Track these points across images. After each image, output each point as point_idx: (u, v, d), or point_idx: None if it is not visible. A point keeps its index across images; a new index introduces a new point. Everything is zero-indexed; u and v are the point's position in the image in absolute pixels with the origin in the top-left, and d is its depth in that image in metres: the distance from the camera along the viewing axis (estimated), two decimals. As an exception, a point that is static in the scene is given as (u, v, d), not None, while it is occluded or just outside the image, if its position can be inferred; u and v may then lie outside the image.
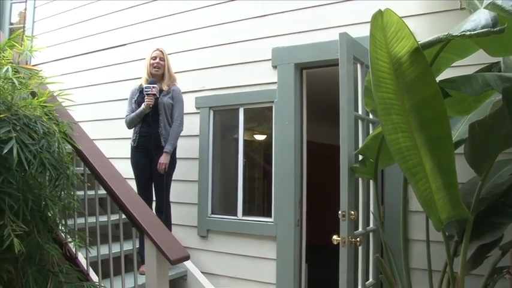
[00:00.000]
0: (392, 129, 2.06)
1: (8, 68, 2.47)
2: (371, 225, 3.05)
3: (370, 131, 2.99)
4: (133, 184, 3.78)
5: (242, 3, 4.17)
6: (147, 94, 3.85)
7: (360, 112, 2.90)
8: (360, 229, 2.82)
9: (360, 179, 2.88)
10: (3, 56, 2.64)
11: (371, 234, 3.03)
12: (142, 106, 3.87)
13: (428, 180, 2.05)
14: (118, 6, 5.17)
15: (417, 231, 3.10)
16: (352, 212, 2.59)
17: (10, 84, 2.53)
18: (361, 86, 2.89)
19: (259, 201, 4.41)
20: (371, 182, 2.98)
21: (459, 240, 2.42)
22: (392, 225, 3.07)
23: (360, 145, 2.80)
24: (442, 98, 1.97)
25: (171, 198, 4.03)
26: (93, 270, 3.13)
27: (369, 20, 2.00)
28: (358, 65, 2.93)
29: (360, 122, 2.90)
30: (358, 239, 2.63)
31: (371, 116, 2.99)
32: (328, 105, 4.12)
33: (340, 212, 2.58)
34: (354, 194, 2.69)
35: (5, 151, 2.13)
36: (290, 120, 3.75)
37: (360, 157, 2.76)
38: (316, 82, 4.15)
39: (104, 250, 3.07)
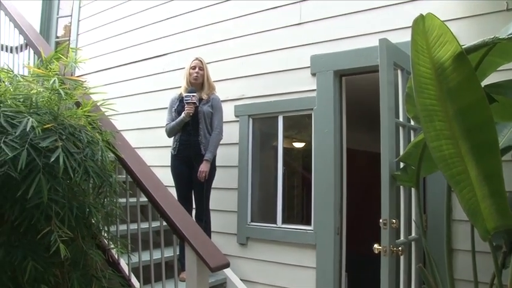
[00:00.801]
0: (435, 136, 2.02)
1: (55, 80, 2.56)
2: (413, 234, 2.98)
3: (412, 138, 2.93)
4: (173, 192, 3.83)
5: (279, 12, 4.19)
6: (187, 103, 3.89)
7: (401, 119, 2.85)
8: (402, 238, 2.76)
9: (401, 186, 2.82)
10: (51, 68, 2.73)
11: (413, 244, 2.96)
12: (183, 115, 3.92)
13: (474, 188, 1.99)
14: (157, 17, 5.28)
15: (462, 241, 3.01)
16: (394, 221, 2.54)
17: (56, 95, 2.61)
18: (402, 93, 2.84)
19: (298, 209, 4.38)
20: (413, 189, 2.91)
21: (507, 251, 2.33)
22: (436, 235, 2.99)
23: (401, 152, 2.75)
24: (488, 103, 1.91)
25: (211, 206, 4.06)
26: (135, 276, 3.17)
27: (409, 24, 1.97)
28: (399, 71, 2.89)
29: (401, 128, 2.85)
30: (399, 248, 2.58)
31: (412, 123, 2.93)
32: (368, 112, 4.07)
33: (381, 221, 2.54)
34: (395, 202, 2.64)
35: (52, 159, 2.20)
36: (329, 127, 3.73)
37: (402, 164, 2.70)
38: (356, 89, 4.10)
39: (145, 256, 3.12)
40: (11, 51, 4.87)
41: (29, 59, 4.40)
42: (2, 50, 4.97)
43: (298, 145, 4.45)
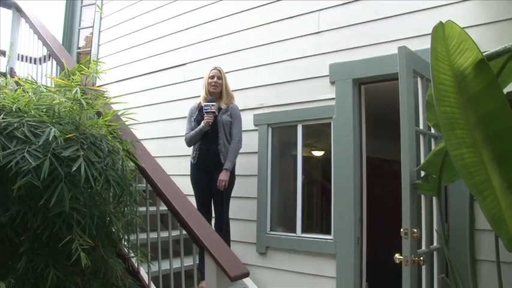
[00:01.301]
0: (456, 144, 1.99)
1: (76, 90, 2.60)
2: (435, 243, 2.94)
3: (433, 147, 2.90)
4: (193, 201, 3.85)
5: (298, 21, 4.20)
6: (206, 112, 3.92)
7: (421, 127, 2.82)
8: (423, 247, 2.72)
9: (422, 195, 2.78)
10: (73, 79, 2.78)
11: (435, 253, 2.91)
12: (202, 124, 3.95)
13: (497, 197, 1.96)
14: (177, 27, 5.34)
15: (486, 251, 2.95)
16: (415, 230, 2.51)
17: (78, 105, 2.65)
18: (422, 100, 2.81)
19: (318, 218, 4.36)
20: (434, 198, 2.88)
21: (533, 261, 2.29)
22: (458, 244, 2.95)
23: (422, 161, 2.72)
24: (510, 110, 1.88)
25: (230, 215, 4.06)
26: (155, 285, 3.18)
27: (428, 32, 1.96)
28: (419, 79, 2.86)
29: (421, 137, 2.82)
30: (421, 258, 2.54)
31: (433, 131, 2.90)
32: (388, 120, 4.04)
33: (402, 230, 2.51)
34: (416, 211, 2.61)
35: (74, 169, 2.23)
36: (349, 136, 3.71)
37: (422, 173, 2.67)
38: (375, 97, 4.08)
39: (165, 265, 3.13)
40: (35, 62, 4.97)
41: (52, 70, 4.49)
42: (26, 61, 5.08)
43: (318, 154, 4.44)
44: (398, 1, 3.60)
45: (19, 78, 3.14)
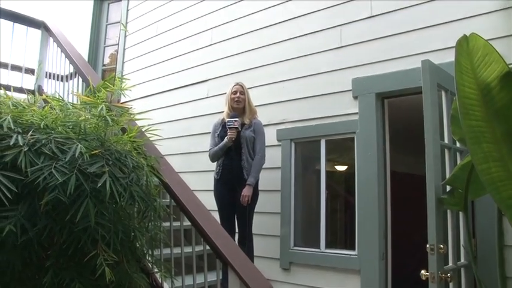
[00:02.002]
0: (483, 159, 1.96)
1: (102, 107, 2.65)
2: (462, 260, 2.87)
3: (458, 161, 2.85)
4: (216, 216, 3.85)
5: (320, 36, 4.20)
6: (229, 128, 3.94)
7: (446, 141, 2.78)
8: (450, 264, 2.66)
9: (448, 210, 2.73)
10: (98, 96, 2.83)
11: (462, 270, 2.85)
12: (225, 140, 3.97)
13: (527, 212, 1.91)
14: (199, 44, 5.41)
15: (516, 267, 2.88)
16: (442, 246, 2.46)
17: (103, 121, 2.70)
18: (447, 114, 2.78)
19: (342, 233, 4.32)
20: (460, 213, 2.82)
21: None
22: (487, 261, 2.87)
23: (448, 175, 2.67)
24: (538, 123, 1.85)
25: (254, 230, 4.05)
26: (179, 301, 3.19)
27: (452, 45, 1.95)
28: (443, 92, 2.83)
29: (446, 151, 2.78)
30: (448, 274, 2.48)
31: (458, 145, 2.86)
32: (412, 134, 3.99)
33: (428, 246, 2.46)
34: (442, 227, 2.56)
35: (99, 184, 2.27)
36: (373, 150, 3.68)
37: (448, 188, 2.63)
38: (399, 111, 4.05)
39: (188, 281, 3.13)
40: (62, 80, 5.09)
41: (78, 87, 4.58)
42: (54, 78, 5.20)
43: (341, 168, 4.41)
44: (421, 14, 3.58)
45: (47, 96, 3.22)
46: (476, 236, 3.07)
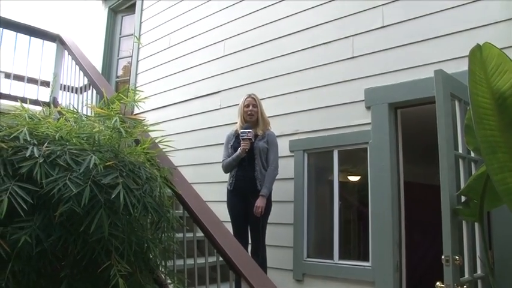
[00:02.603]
0: (498, 169, 1.94)
1: (116, 119, 2.68)
2: (479, 271, 2.83)
3: (473, 171, 2.82)
4: (229, 227, 3.84)
5: (332, 47, 4.22)
6: (242, 139, 3.95)
7: (460, 151, 2.76)
8: (467, 276, 2.63)
9: (463, 221, 2.70)
10: (112, 108, 2.86)
11: (479, 282, 2.81)
12: (239, 151, 3.98)
13: (543, 223, 1.89)
14: (211, 55, 5.45)
15: (534, 279, 2.83)
16: (457, 257, 2.43)
17: (117, 133, 2.72)
18: (461, 124, 2.76)
19: (355, 244, 4.28)
20: (476, 224, 2.79)
21: None
22: (504, 273, 2.83)
23: (462, 185, 2.65)
24: (554, 133, 1.83)
25: (267, 241, 4.04)
26: (192, 312, 3.18)
27: (465, 54, 1.94)
28: (456, 102, 2.81)
29: (460, 161, 2.75)
30: (464, 286, 2.45)
31: (473, 155, 2.83)
32: (425, 144, 3.97)
33: (443, 257, 2.43)
34: (457, 238, 2.53)
35: (113, 196, 2.28)
36: (386, 161, 3.66)
37: (463, 198, 2.60)
38: (412, 121, 4.03)
39: (201, 292, 3.13)
40: (76, 92, 5.15)
41: (92, 99, 4.63)
42: (68, 91, 5.27)
43: (354, 179, 4.39)
44: (433, 24, 3.58)
45: (61, 108, 3.25)
46: (493, 248, 3.03)
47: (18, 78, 5.26)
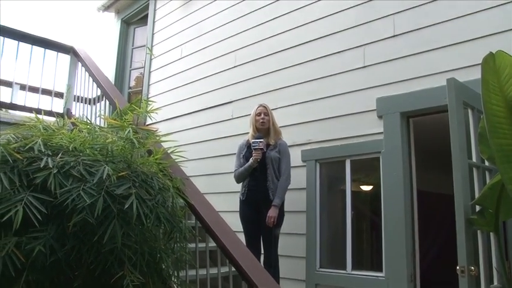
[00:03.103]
0: (513, 178, 1.92)
1: (129, 130, 2.70)
2: (495, 283, 2.79)
3: (487, 180, 2.79)
4: (241, 237, 3.84)
5: (343, 56, 4.22)
6: (254, 149, 3.95)
7: (474, 160, 2.74)
8: (483, 287, 2.59)
9: (478, 231, 2.67)
10: (125, 119, 2.88)
11: (496, 293, 2.77)
12: (251, 160, 3.98)
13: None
14: (224, 66, 5.49)
15: (551, 290, 2.78)
16: (473, 268, 2.40)
17: (130, 143, 2.74)
18: (474, 132, 2.74)
19: (368, 254, 4.25)
20: (492, 234, 2.75)
21: None
22: (521, 283, 2.78)
23: (477, 195, 2.62)
24: None
25: (279, 251, 4.02)
26: (204, 322, 3.17)
27: (478, 62, 1.93)
28: (469, 110, 2.79)
29: (474, 170, 2.73)
30: (480, 297, 2.42)
31: (487, 164, 2.80)
32: (439, 153, 3.94)
33: (458, 268, 2.41)
34: (473, 248, 2.50)
35: (126, 206, 2.29)
36: (398, 170, 3.64)
37: (478, 207, 2.57)
38: (425, 130, 4.01)
39: (214, 303, 3.12)
40: (89, 103, 5.20)
41: (105, 109, 4.68)
42: (82, 102, 5.33)
43: (367, 188, 4.37)
44: (445, 32, 3.57)
45: (75, 119, 3.29)
46: (510, 258, 2.99)
47: (33, 89, 5.33)
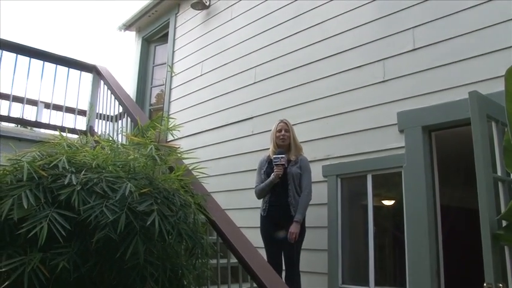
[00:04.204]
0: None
1: (151, 147, 2.74)
2: (523, 299, 2.72)
3: (514, 194, 2.74)
4: (263, 253, 3.82)
5: (363, 71, 4.21)
6: (275, 165, 3.95)
7: (499, 173, 2.69)
8: (511, 304, 2.53)
9: (505, 246, 2.61)
10: (147, 136, 2.92)
11: (524, 310, 2.70)
12: (272, 176, 3.97)
13: None
14: (244, 82, 5.52)
15: None
16: (501, 285, 2.34)
17: (152, 160, 2.77)
18: (498, 146, 2.69)
19: (391, 270, 4.19)
20: (519, 250, 2.69)
21: None
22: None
23: (503, 209, 2.57)
24: None
25: (301, 267, 3.98)
26: None
27: (501, 74, 1.91)
28: (493, 123, 2.75)
29: (500, 184, 2.68)
30: (509, 315, 2.36)
31: (513, 177, 2.75)
32: (462, 167, 3.89)
33: (485, 285, 2.35)
34: (500, 264, 2.44)
35: (149, 223, 2.31)
36: (421, 185, 3.59)
37: (504, 223, 2.52)
38: (448, 143, 3.96)
39: (236, 319, 3.10)
40: (111, 120, 5.28)
41: (127, 126, 4.74)
42: (104, 119, 5.41)
43: (388, 203, 4.32)
44: (466, 44, 3.54)
45: (98, 137, 3.34)
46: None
47: (57, 108, 5.44)
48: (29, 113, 5.45)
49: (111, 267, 2.38)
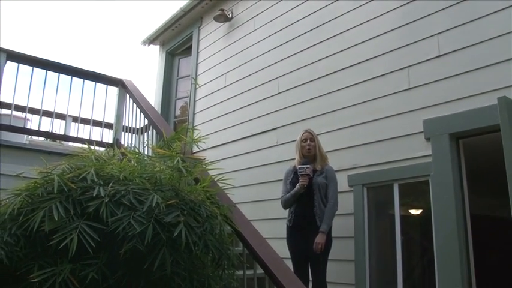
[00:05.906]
0: None
1: (178, 159, 2.76)
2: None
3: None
4: (289, 264, 3.80)
5: (387, 79, 4.19)
6: (301, 175, 3.93)
7: (531, 181, 2.63)
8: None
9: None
10: (173, 148, 2.95)
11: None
12: (297, 186, 3.96)
13: None
14: (267, 93, 5.56)
15: None
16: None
17: (178, 172, 2.80)
18: (529, 153, 2.64)
19: (420, 281, 4.12)
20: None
21: None
22: None
23: (536, 218, 2.51)
24: None
25: (328, 279, 3.94)
26: None
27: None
28: (524, 130, 2.70)
29: (532, 191, 2.62)
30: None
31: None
32: (492, 174, 3.81)
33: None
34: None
35: (175, 234, 2.33)
36: (449, 193, 3.53)
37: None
38: (477, 151, 3.89)
39: (263, 331, 3.08)
40: (137, 133, 5.35)
41: (152, 139, 4.80)
42: (130, 132, 5.49)
43: (416, 212, 4.26)
44: (492, 50, 3.49)
45: (124, 149, 3.38)
46: None
47: (85, 121, 5.54)
48: (58, 126, 5.57)
49: (139, 278, 2.40)
